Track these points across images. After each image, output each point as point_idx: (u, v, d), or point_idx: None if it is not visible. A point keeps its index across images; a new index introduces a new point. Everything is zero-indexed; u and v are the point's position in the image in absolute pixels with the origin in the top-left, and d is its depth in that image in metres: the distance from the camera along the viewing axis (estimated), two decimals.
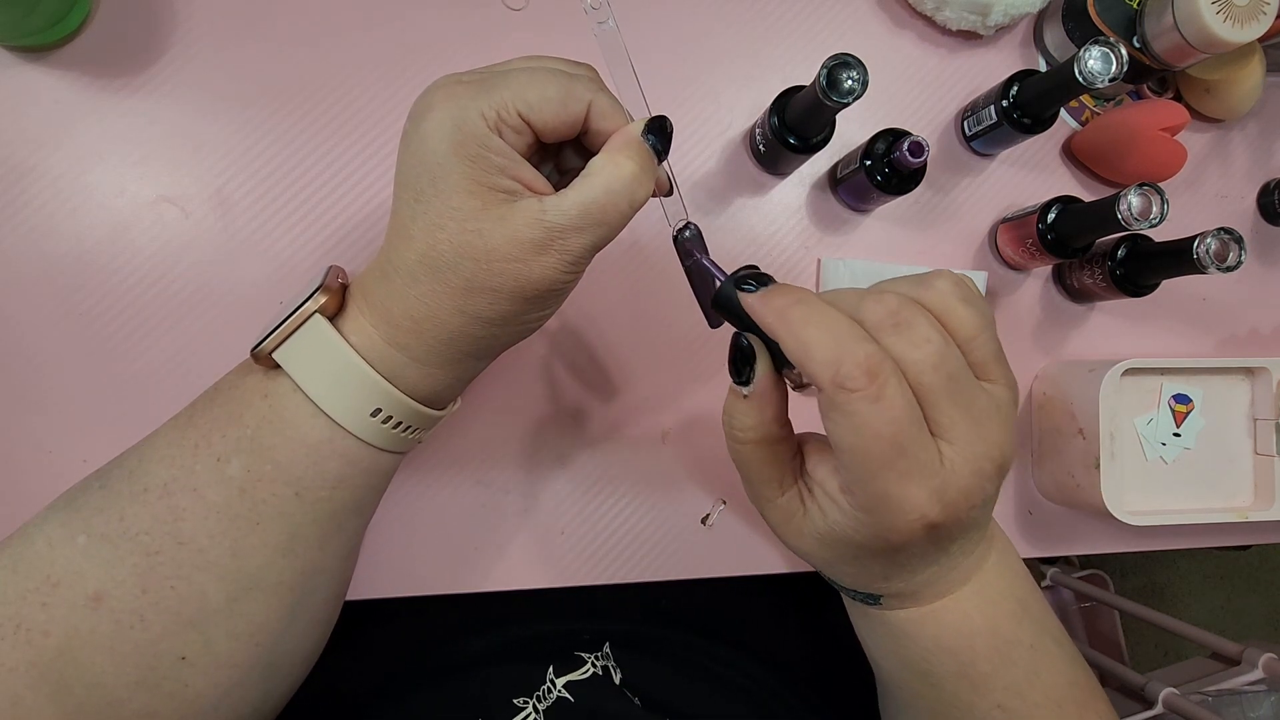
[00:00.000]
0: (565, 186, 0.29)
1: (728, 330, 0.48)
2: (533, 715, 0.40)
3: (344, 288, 0.31)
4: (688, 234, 0.34)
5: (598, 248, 0.29)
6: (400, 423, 0.31)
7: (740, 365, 0.30)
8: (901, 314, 0.27)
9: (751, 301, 0.28)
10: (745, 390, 0.30)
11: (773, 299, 0.28)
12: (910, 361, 0.27)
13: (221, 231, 0.43)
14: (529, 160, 0.30)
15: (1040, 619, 0.37)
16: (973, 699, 0.35)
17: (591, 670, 0.42)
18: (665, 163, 0.31)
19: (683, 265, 0.34)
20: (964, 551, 0.32)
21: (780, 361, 0.29)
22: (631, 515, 0.46)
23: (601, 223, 0.28)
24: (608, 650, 0.44)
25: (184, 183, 0.42)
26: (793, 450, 0.32)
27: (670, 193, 0.33)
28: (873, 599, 0.34)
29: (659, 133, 0.29)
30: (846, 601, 0.38)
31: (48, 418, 0.41)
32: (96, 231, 0.41)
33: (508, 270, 0.27)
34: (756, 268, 0.30)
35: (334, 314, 0.30)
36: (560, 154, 0.33)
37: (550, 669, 0.42)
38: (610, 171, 0.28)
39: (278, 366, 0.30)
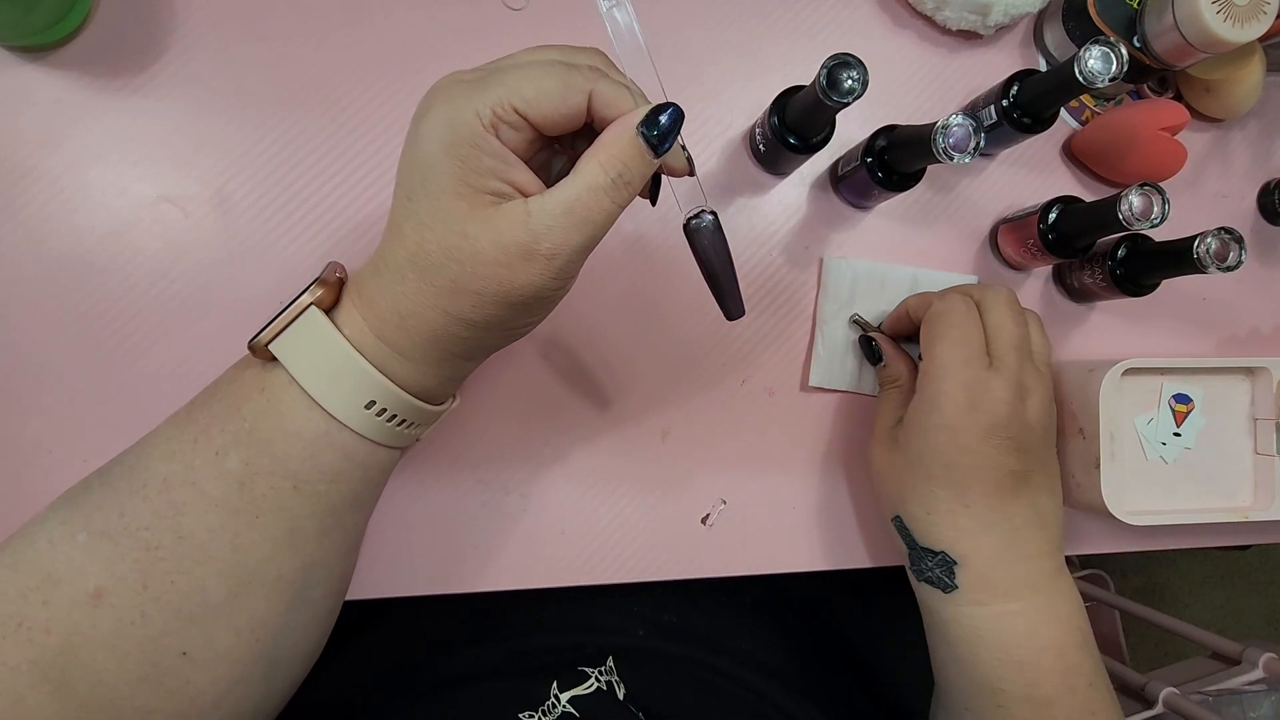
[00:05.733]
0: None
1: (730, 331, 0.48)
2: None
3: (341, 282, 0.31)
4: (706, 223, 0.31)
5: (586, 249, 0.28)
6: (395, 416, 0.31)
7: (873, 352, 0.47)
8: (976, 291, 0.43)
9: (889, 318, 0.48)
10: (884, 363, 0.46)
11: (895, 310, 0.47)
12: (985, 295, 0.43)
13: (221, 231, 0.43)
14: (538, 155, 0.30)
15: (1097, 660, 0.41)
16: None
17: (595, 685, 0.42)
18: (683, 145, 0.30)
19: (695, 256, 0.32)
20: (1032, 505, 0.40)
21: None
22: (632, 515, 0.46)
23: (586, 221, 0.27)
24: (611, 665, 0.44)
25: (184, 183, 0.42)
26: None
27: (688, 175, 0.31)
28: (948, 572, 0.40)
29: (654, 123, 0.28)
30: (928, 619, 0.43)
31: (48, 418, 0.41)
32: (96, 232, 0.41)
33: (493, 275, 0.27)
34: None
35: (330, 307, 0.30)
36: (575, 147, 0.32)
37: (554, 683, 0.42)
38: (592, 168, 0.27)
39: (275, 360, 0.30)
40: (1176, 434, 0.50)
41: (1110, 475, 0.45)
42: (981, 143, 0.39)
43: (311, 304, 0.29)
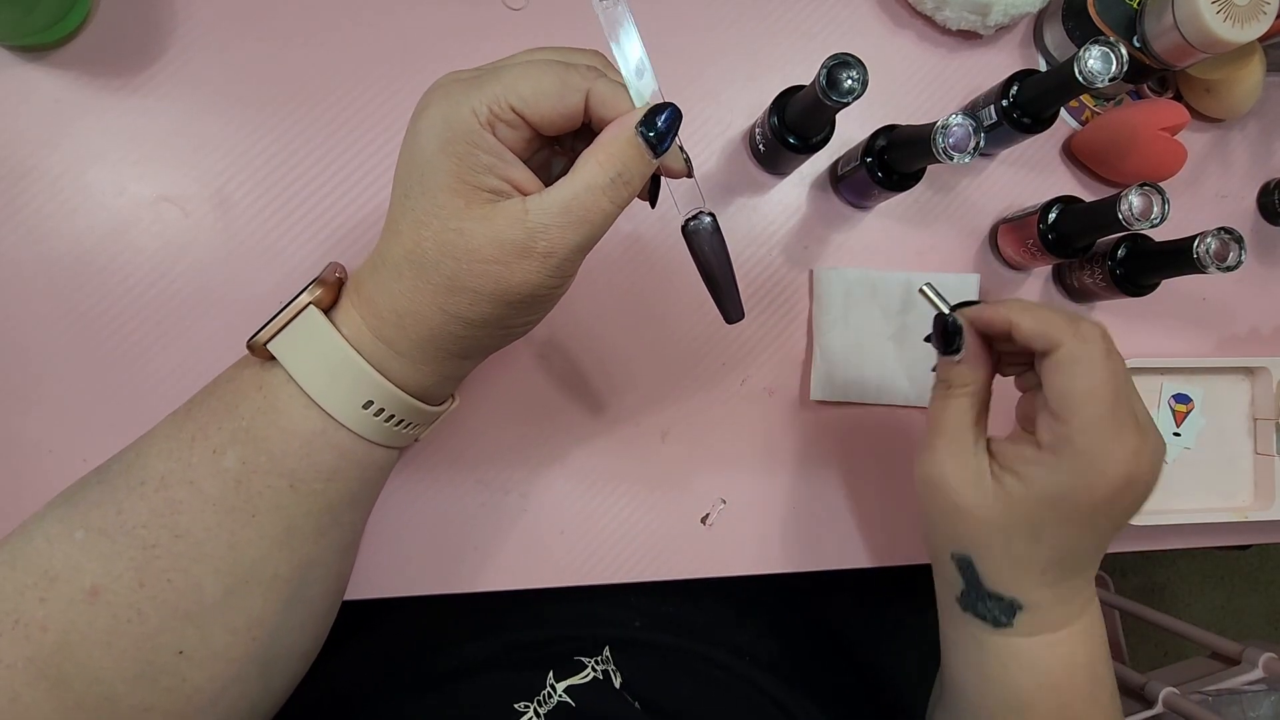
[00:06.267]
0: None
1: (729, 331, 0.48)
2: None
3: (340, 282, 0.31)
4: (704, 224, 0.31)
5: (583, 249, 0.28)
6: (393, 416, 0.31)
7: (951, 338, 0.36)
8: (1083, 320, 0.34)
9: (982, 310, 0.36)
10: (958, 357, 0.36)
11: (1000, 303, 0.35)
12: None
13: (222, 231, 0.43)
14: (538, 155, 0.30)
15: (1113, 668, 0.39)
16: None
17: (592, 674, 0.42)
18: (681, 146, 0.30)
19: (694, 258, 0.32)
20: (1094, 564, 0.37)
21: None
22: (631, 515, 0.46)
23: (584, 220, 0.27)
24: (607, 654, 0.44)
25: (184, 182, 0.42)
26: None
27: (686, 176, 0.31)
28: (1008, 614, 0.36)
29: (652, 124, 0.27)
30: (954, 627, 0.39)
31: (48, 418, 0.41)
32: (96, 231, 0.41)
33: (488, 272, 0.27)
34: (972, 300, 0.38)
35: (329, 307, 0.30)
36: (574, 148, 0.32)
37: (550, 674, 0.42)
38: (591, 167, 0.27)
39: (273, 358, 0.30)
40: (1176, 434, 0.50)
41: None
42: (981, 143, 0.39)
43: (310, 303, 0.29)
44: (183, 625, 0.29)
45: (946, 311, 0.37)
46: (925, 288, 0.38)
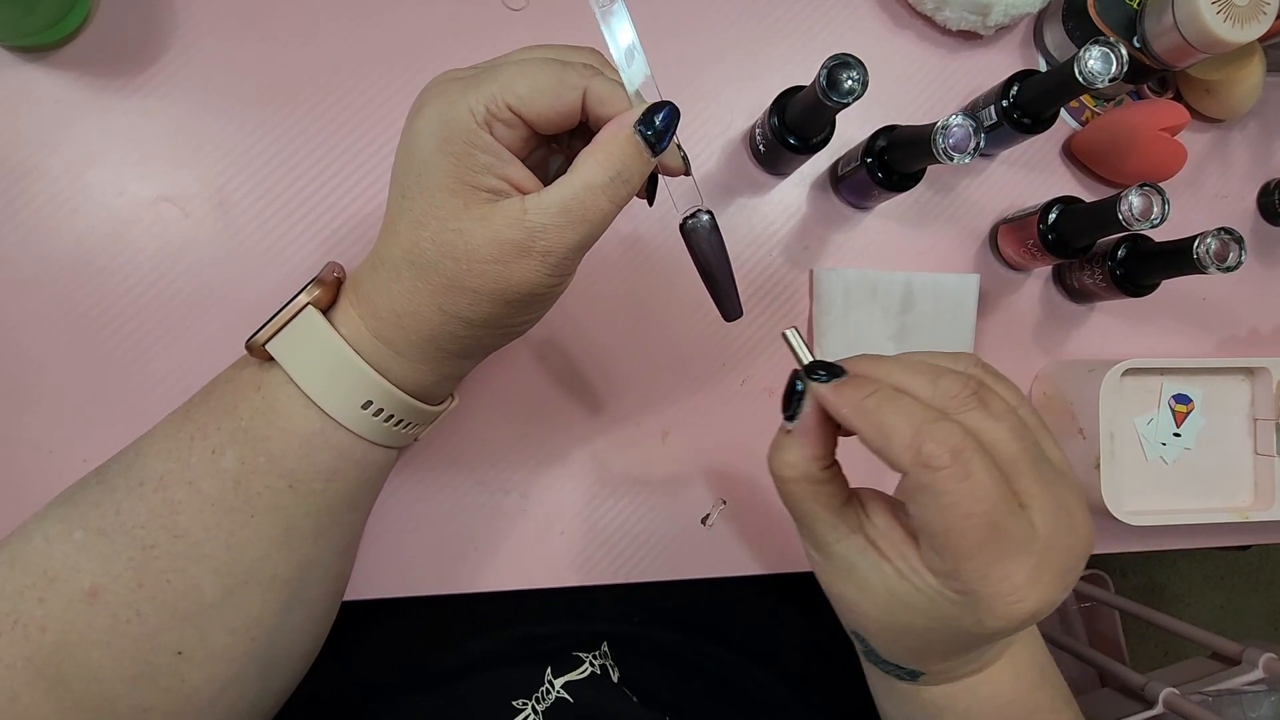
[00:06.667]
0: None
1: (729, 331, 0.48)
2: (532, 716, 0.40)
3: (339, 282, 0.31)
4: (702, 222, 0.31)
5: (582, 248, 0.28)
6: (392, 416, 0.31)
7: (790, 401, 0.30)
8: (981, 386, 0.28)
9: (824, 393, 0.29)
10: (790, 425, 0.30)
11: (845, 390, 0.28)
12: (992, 431, 0.27)
13: (222, 231, 0.43)
14: (535, 153, 0.30)
15: (1055, 683, 0.37)
16: None
17: (590, 670, 0.42)
18: (679, 144, 0.30)
19: (692, 256, 0.32)
20: None
21: None
22: (631, 515, 0.46)
23: (583, 219, 0.27)
24: (605, 650, 0.44)
25: (184, 182, 0.42)
26: (844, 497, 0.31)
27: (684, 174, 0.31)
28: (911, 675, 0.33)
29: (650, 122, 0.27)
30: (871, 672, 0.37)
31: (48, 418, 0.41)
32: (96, 231, 0.41)
33: (488, 272, 0.27)
34: (835, 366, 0.30)
35: (328, 307, 0.30)
36: (571, 146, 0.32)
37: (549, 670, 0.42)
38: (589, 166, 0.27)
39: (272, 359, 0.30)
40: (1176, 434, 0.50)
41: (1110, 475, 0.45)
42: (981, 143, 0.39)
43: (308, 304, 0.29)
44: (181, 625, 0.29)
45: (801, 369, 0.30)
46: (788, 333, 0.32)
